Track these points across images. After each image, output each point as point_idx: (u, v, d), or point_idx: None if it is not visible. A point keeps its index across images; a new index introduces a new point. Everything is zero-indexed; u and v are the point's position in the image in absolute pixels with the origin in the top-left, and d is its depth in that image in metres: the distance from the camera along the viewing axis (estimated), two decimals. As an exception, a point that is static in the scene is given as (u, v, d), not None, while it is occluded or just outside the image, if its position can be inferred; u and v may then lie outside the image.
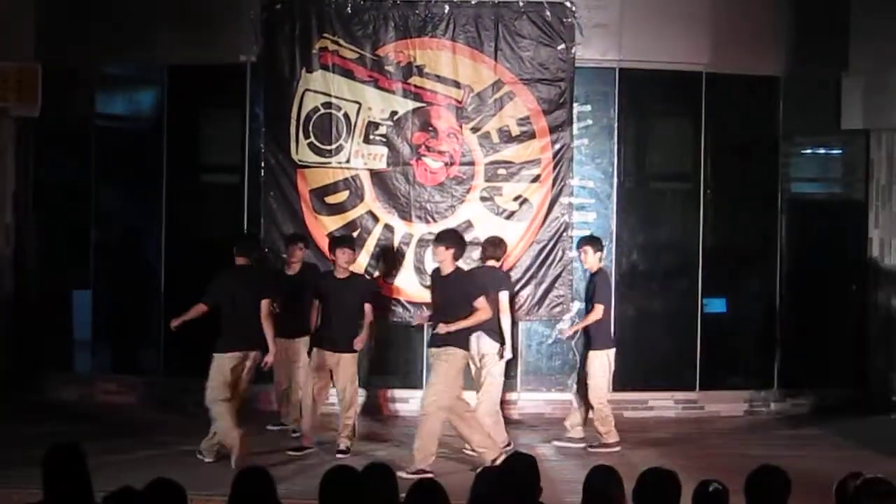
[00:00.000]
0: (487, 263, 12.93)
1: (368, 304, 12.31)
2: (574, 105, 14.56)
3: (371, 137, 14.48)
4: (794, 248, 15.41)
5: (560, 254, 14.43)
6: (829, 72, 15.48)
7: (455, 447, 12.24)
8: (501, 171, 14.47)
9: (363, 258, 14.39)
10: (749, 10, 15.12)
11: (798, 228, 15.47)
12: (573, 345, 13.29)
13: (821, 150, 16.57)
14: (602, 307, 12.75)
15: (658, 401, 14.79)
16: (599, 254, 12.97)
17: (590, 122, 14.69)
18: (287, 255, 13.36)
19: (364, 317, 12.26)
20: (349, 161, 14.49)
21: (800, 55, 15.15)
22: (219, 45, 14.67)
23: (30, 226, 15.73)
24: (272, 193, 14.55)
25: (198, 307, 11.91)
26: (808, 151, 16.36)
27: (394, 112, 14.47)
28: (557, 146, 14.48)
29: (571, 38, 14.44)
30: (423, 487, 6.11)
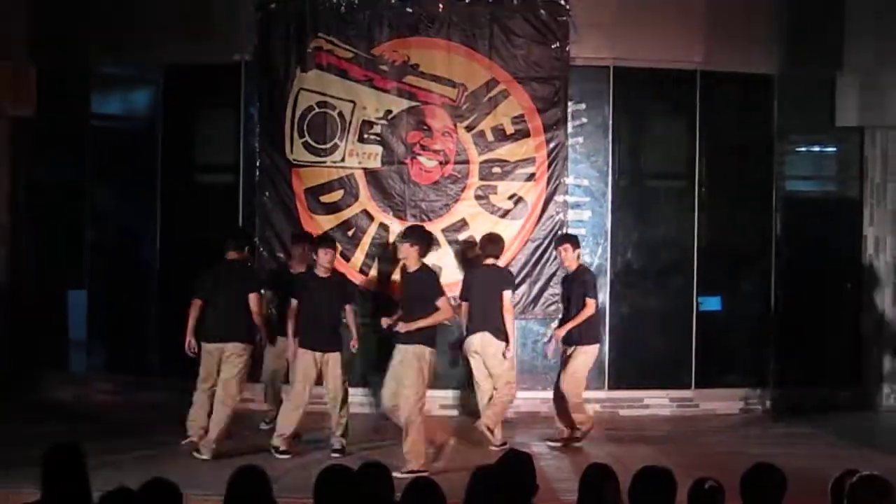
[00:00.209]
0: (486, 261, 12.93)
1: (349, 304, 12.31)
2: (569, 103, 14.57)
3: (366, 136, 14.48)
4: (789, 246, 15.41)
5: (555, 252, 14.40)
6: (824, 70, 15.48)
7: (450, 445, 12.27)
8: (496, 170, 14.48)
9: (358, 257, 14.40)
10: (743, 9, 15.11)
11: (793, 226, 15.47)
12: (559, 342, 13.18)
13: (815, 148, 16.58)
14: (594, 302, 12.75)
15: (653, 399, 14.80)
16: (578, 251, 12.97)
17: (584, 121, 14.70)
18: (292, 254, 13.31)
19: (346, 316, 12.26)
20: (344, 160, 14.49)
21: (794, 53, 15.16)
22: (213, 45, 14.67)
23: (25, 226, 15.72)
24: (267, 193, 14.55)
25: (194, 304, 12.00)
26: (803, 149, 16.36)
27: (388, 111, 14.47)
28: (552, 144, 14.49)
29: (566, 37, 14.45)
30: (419, 486, 6.11)
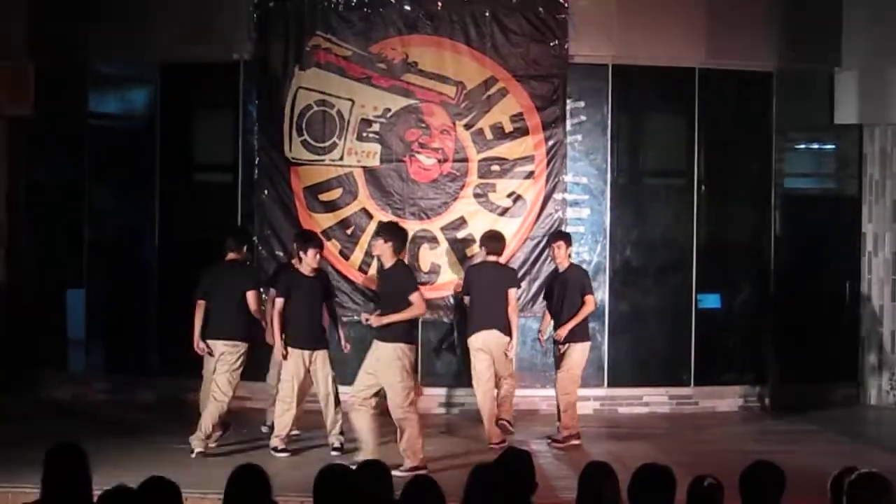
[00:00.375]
0: (488, 259, 12.93)
1: (326, 301, 12.37)
2: (567, 101, 14.57)
3: (364, 135, 14.47)
4: (788, 244, 15.42)
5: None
6: (822, 67, 15.49)
7: (449, 443, 12.27)
8: (495, 168, 14.47)
9: (357, 255, 14.41)
10: (742, 6, 15.11)
11: (791, 224, 15.47)
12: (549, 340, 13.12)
13: (814, 146, 16.59)
14: (594, 299, 12.75)
15: (652, 396, 14.80)
16: (570, 249, 12.97)
17: (583, 119, 14.70)
18: (293, 254, 13.24)
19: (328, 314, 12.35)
20: (342, 158, 14.48)
21: (793, 50, 15.16)
22: (212, 44, 14.66)
23: (23, 225, 15.70)
24: (266, 191, 14.55)
25: (198, 305, 12.07)
26: (802, 147, 16.37)
27: (387, 109, 14.46)
28: (551, 142, 14.48)
29: (564, 35, 14.45)
30: (419, 484, 6.11)
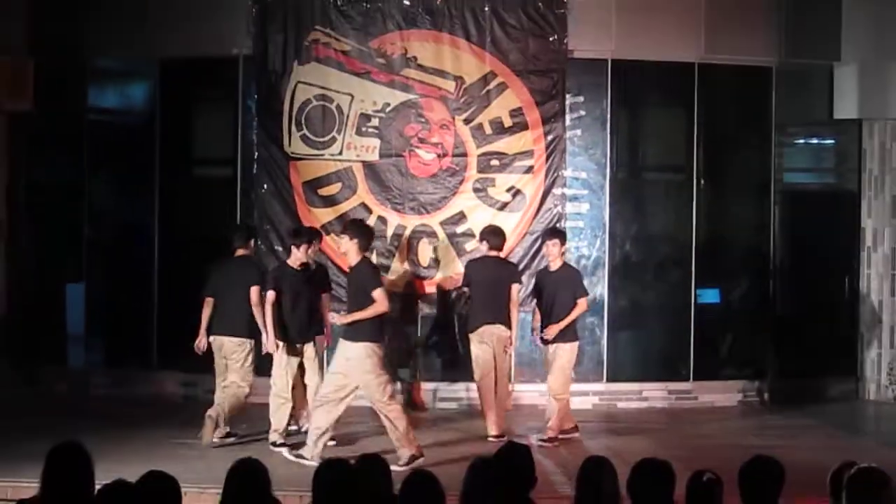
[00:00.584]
0: (490, 254, 12.93)
1: (326, 294, 12.50)
2: (567, 96, 14.55)
3: (363, 129, 14.47)
4: (787, 238, 15.43)
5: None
6: (822, 62, 15.48)
7: (448, 437, 12.28)
8: (494, 163, 14.47)
9: (356, 250, 14.38)
10: (741, 1, 15.11)
11: (791, 218, 15.47)
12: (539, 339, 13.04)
13: (813, 140, 16.60)
14: (586, 301, 12.67)
15: (652, 391, 14.80)
16: (565, 248, 12.88)
17: (582, 113, 14.69)
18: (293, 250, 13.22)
19: (322, 307, 12.47)
20: (342, 153, 14.47)
21: (792, 45, 15.15)
22: (211, 39, 14.64)
23: (23, 220, 15.70)
24: (265, 186, 14.54)
25: (205, 302, 12.22)
26: (801, 141, 16.38)
27: (386, 104, 14.46)
28: (550, 137, 14.48)
29: (564, 30, 14.44)
30: (418, 478, 6.11)
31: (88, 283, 15.52)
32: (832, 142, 16.38)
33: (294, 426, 12.24)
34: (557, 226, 14.16)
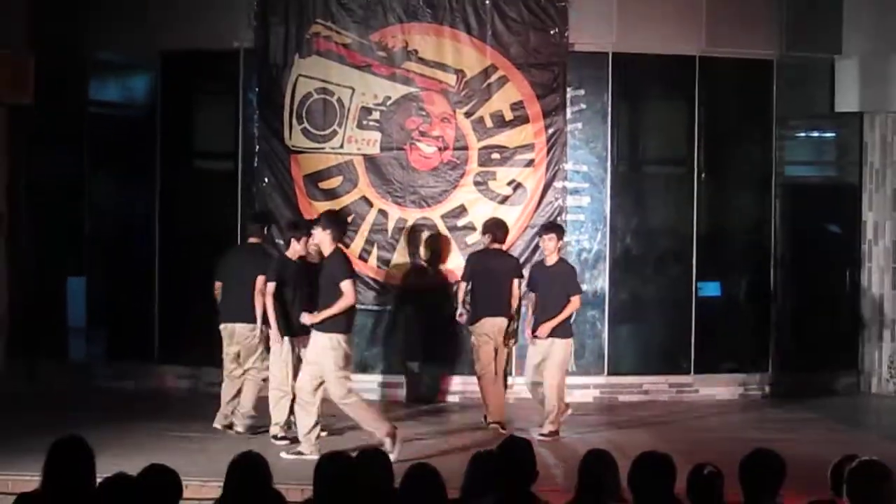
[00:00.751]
0: (493, 247, 12.92)
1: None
2: (568, 89, 14.55)
3: (364, 123, 14.47)
4: (788, 232, 15.42)
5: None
6: (823, 55, 15.47)
7: (449, 430, 12.30)
8: (495, 156, 14.46)
9: (358, 243, 14.39)
10: (742, -6, 15.14)
11: (792, 212, 15.47)
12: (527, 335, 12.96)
13: (814, 134, 16.59)
14: (579, 299, 12.53)
15: (652, 385, 14.80)
16: (562, 243, 12.75)
17: (583, 107, 14.68)
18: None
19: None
20: (343, 146, 14.47)
21: (793, 38, 15.14)
22: (212, 32, 14.64)
23: (24, 214, 15.69)
24: (266, 180, 14.54)
25: (216, 287, 12.39)
26: (802, 135, 16.37)
27: (387, 97, 14.45)
28: (551, 130, 14.47)
29: (565, 23, 14.43)
30: (418, 472, 6.11)
31: (89, 277, 15.52)
32: (833, 135, 16.37)
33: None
34: (557, 220, 14.16)
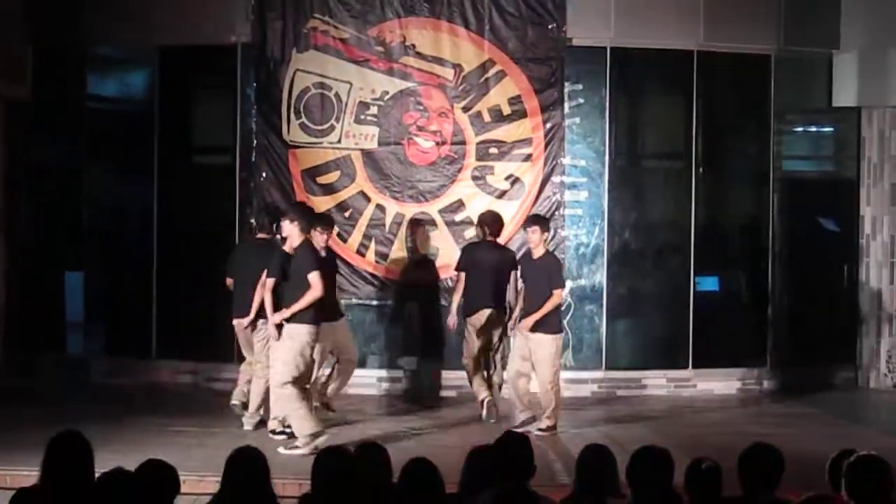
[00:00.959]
0: (488, 239, 12.92)
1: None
2: (566, 84, 14.54)
3: (362, 117, 14.46)
4: (786, 226, 15.42)
5: (552, 233, 14.35)
6: (821, 50, 15.47)
7: (447, 425, 12.32)
8: (493, 151, 14.46)
9: (356, 238, 14.40)
10: (740, -11, 15.12)
11: (790, 206, 15.47)
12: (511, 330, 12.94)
13: (812, 128, 16.59)
14: (561, 292, 12.31)
15: (651, 379, 14.81)
16: (547, 235, 12.53)
17: (581, 101, 14.68)
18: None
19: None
20: (340, 141, 14.47)
21: (791, 33, 15.13)
22: (210, 26, 14.63)
23: (21, 208, 15.67)
24: (264, 174, 14.53)
25: (227, 283, 12.47)
26: (800, 129, 16.37)
27: (385, 92, 14.45)
28: (549, 125, 14.47)
29: (562, 17, 14.42)
30: (416, 466, 6.11)
31: (87, 272, 15.51)
32: (831, 130, 16.38)
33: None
34: (555, 214, 14.18)
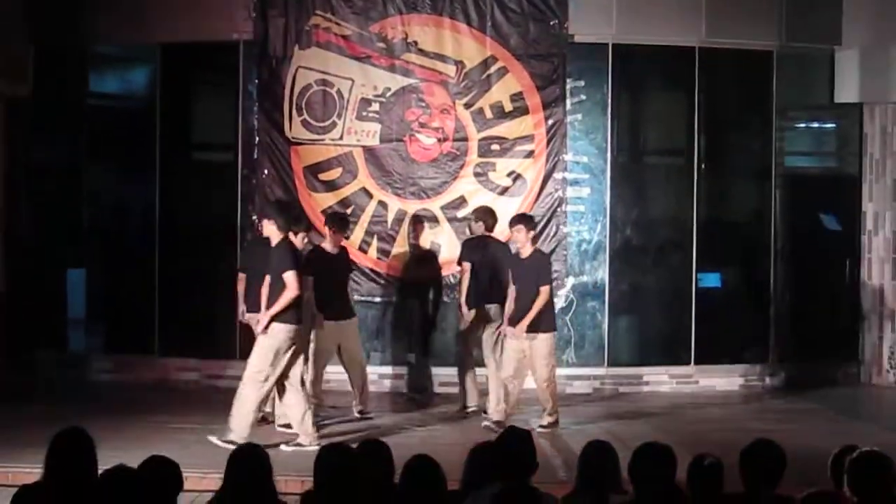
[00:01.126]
0: (486, 234, 12.92)
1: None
2: (567, 81, 14.55)
3: (364, 114, 14.46)
4: (788, 223, 15.41)
5: (554, 229, 14.45)
6: (823, 46, 15.45)
7: (449, 422, 12.32)
8: (495, 147, 14.46)
9: (358, 234, 14.40)
10: (741, -16, 15.12)
11: (792, 203, 15.46)
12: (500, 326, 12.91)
13: (814, 125, 16.58)
14: (548, 289, 12.09)
15: (653, 376, 14.80)
16: (532, 233, 12.29)
17: (583, 98, 14.67)
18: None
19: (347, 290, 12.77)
20: (342, 138, 14.47)
21: (793, 29, 15.12)
22: (212, 24, 14.61)
23: (22, 205, 15.66)
24: (266, 171, 14.53)
25: (240, 279, 12.44)
26: (802, 126, 16.36)
27: (387, 88, 14.45)
28: (551, 122, 14.47)
29: (564, 14, 14.42)
30: (419, 464, 6.11)
31: (89, 269, 15.52)
32: (833, 126, 16.36)
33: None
34: (557, 211, 14.21)
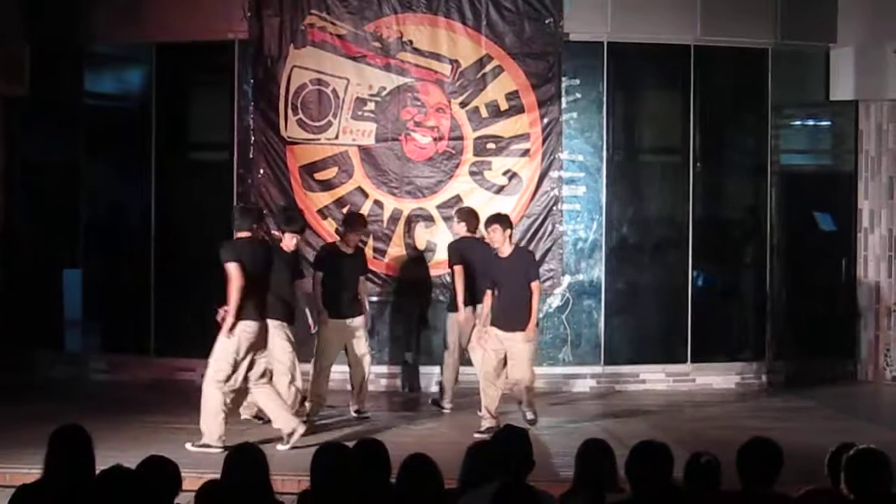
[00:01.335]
0: (472, 235, 12.92)
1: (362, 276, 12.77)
2: (563, 79, 14.54)
3: (359, 113, 14.46)
4: (784, 220, 15.42)
5: (550, 228, 14.44)
6: (818, 43, 15.46)
7: (445, 421, 12.31)
8: (490, 146, 14.46)
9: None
10: (737, -18, 15.12)
11: (787, 200, 15.47)
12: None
13: (810, 122, 16.57)
14: (538, 285, 12.03)
15: (649, 374, 14.80)
16: (509, 231, 12.08)
17: (579, 96, 14.67)
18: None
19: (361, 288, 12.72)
20: (338, 137, 14.47)
21: (788, 27, 15.12)
22: (207, 23, 14.61)
23: (19, 205, 15.68)
24: (262, 171, 14.53)
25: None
26: (798, 123, 16.35)
27: (382, 88, 14.44)
28: (546, 120, 14.47)
29: (559, 12, 14.41)
30: (416, 463, 6.12)
31: (85, 268, 15.50)
32: (828, 123, 16.37)
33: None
34: (553, 209, 14.21)
